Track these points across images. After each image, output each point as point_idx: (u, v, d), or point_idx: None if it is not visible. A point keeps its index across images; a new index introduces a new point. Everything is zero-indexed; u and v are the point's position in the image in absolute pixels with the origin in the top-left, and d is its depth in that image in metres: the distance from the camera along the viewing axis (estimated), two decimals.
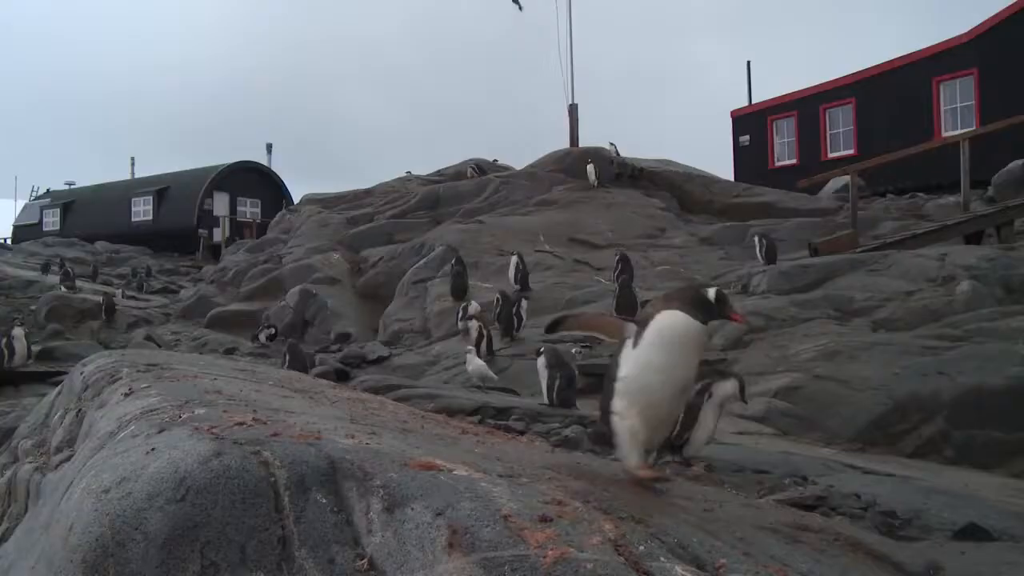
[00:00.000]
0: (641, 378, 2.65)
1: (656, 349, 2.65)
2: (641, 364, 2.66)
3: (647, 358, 2.65)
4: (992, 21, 24.14)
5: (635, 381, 2.66)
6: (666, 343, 2.65)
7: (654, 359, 2.65)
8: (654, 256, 16.95)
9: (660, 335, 2.65)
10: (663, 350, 2.65)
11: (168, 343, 17.70)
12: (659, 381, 2.65)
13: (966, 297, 9.52)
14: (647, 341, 2.65)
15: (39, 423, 5.05)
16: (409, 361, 12.31)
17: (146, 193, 46.38)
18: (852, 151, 26.68)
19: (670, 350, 2.65)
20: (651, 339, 2.65)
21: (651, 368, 2.65)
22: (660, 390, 2.66)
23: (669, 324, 2.65)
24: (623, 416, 2.67)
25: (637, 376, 2.66)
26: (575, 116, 27.75)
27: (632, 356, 2.68)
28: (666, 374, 2.66)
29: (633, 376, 2.66)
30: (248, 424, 2.48)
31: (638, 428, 2.66)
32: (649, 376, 2.65)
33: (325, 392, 4.39)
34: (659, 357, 2.65)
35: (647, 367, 2.65)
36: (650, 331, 2.66)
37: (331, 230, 23.74)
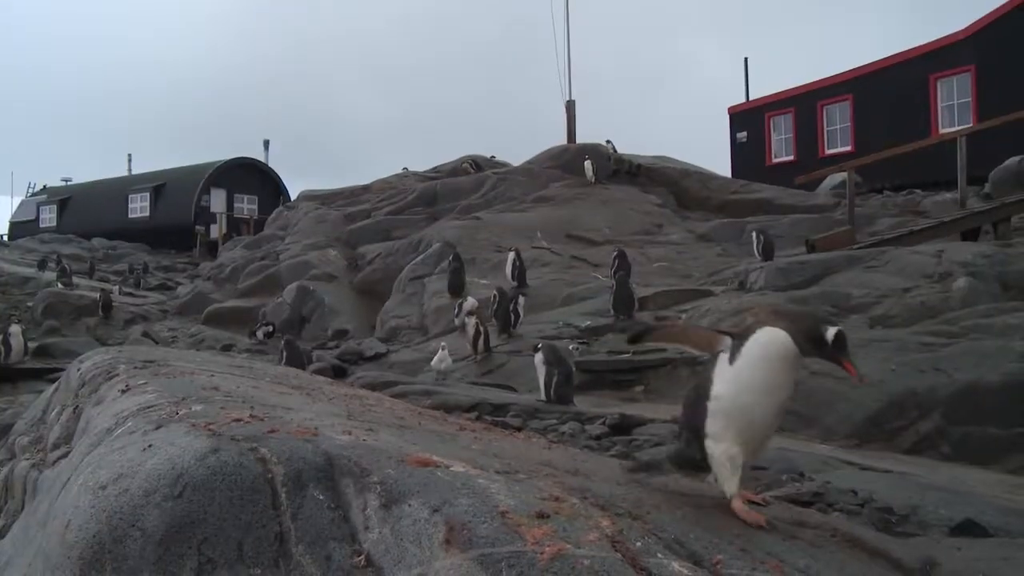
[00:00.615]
0: (740, 398, 2.42)
1: (757, 367, 2.42)
2: (741, 383, 2.43)
3: (747, 377, 2.42)
4: (989, 18, 24.15)
5: (733, 401, 2.43)
6: (768, 361, 2.42)
7: (755, 378, 2.42)
8: (651, 252, 16.95)
9: (763, 352, 2.41)
10: (765, 369, 2.42)
11: (165, 340, 17.70)
12: (759, 402, 2.43)
13: (963, 294, 9.52)
14: (747, 358, 2.42)
15: (36, 419, 5.05)
16: (406, 357, 12.31)
17: (143, 190, 46.33)
18: (849, 148, 26.68)
19: (772, 369, 2.42)
20: (752, 356, 2.42)
21: (751, 388, 2.42)
22: (760, 411, 2.45)
23: (772, 341, 2.41)
24: (718, 439, 2.45)
25: (735, 395, 2.43)
26: (572, 112, 27.74)
27: (729, 373, 2.44)
28: (767, 395, 2.44)
29: (731, 395, 2.43)
30: (245, 420, 2.48)
31: (736, 452, 2.45)
32: (749, 396, 2.42)
33: (322, 388, 4.39)
34: (760, 376, 2.42)
35: (747, 386, 2.42)
36: (751, 347, 2.43)
37: (328, 226, 23.73)
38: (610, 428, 6.13)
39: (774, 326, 2.43)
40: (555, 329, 11.39)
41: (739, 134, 31.66)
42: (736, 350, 2.44)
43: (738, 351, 2.43)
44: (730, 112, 32.60)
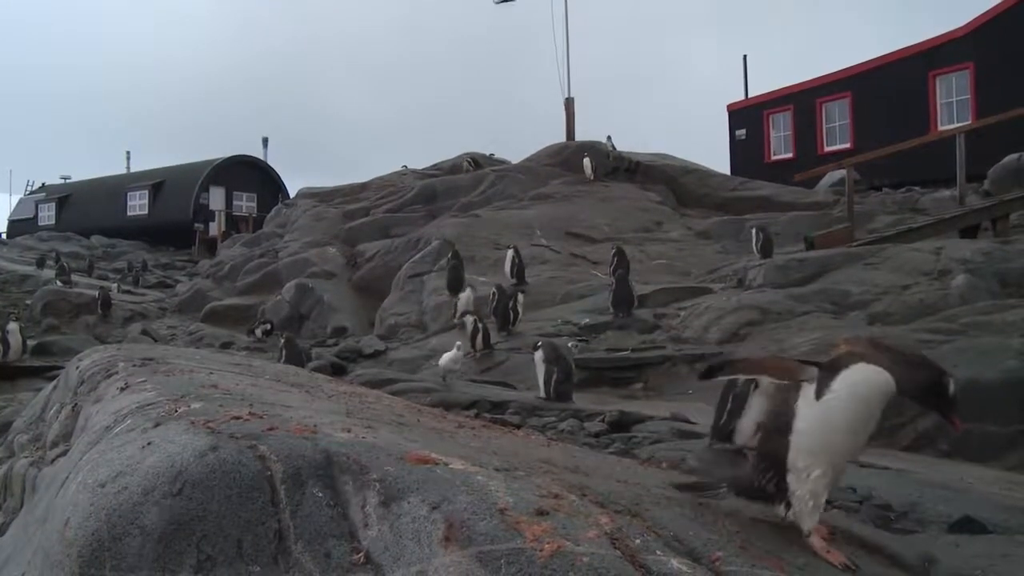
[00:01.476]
0: (828, 437, 2.27)
1: (849, 407, 2.24)
2: (829, 422, 2.26)
3: (837, 416, 2.25)
4: (988, 15, 24.13)
5: (818, 439, 2.28)
6: (862, 402, 2.24)
7: (846, 418, 2.26)
8: (651, 250, 16.96)
9: (857, 392, 2.23)
10: (857, 409, 2.25)
11: (164, 337, 17.69)
12: (847, 441, 2.30)
13: (961, 291, 9.53)
14: (838, 396, 2.24)
15: (35, 418, 5.05)
16: (405, 355, 12.31)
17: (142, 187, 46.30)
18: (848, 145, 26.67)
19: (866, 409, 2.26)
20: (844, 394, 2.23)
21: (841, 428, 2.27)
22: (847, 449, 2.32)
23: (869, 381, 2.24)
24: (803, 476, 2.29)
25: (823, 435, 2.27)
26: (571, 110, 27.73)
27: (816, 410, 2.26)
28: (856, 434, 2.30)
29: (818, 434, 2.27)
30: (244, 418, 2.48)
31: (821, 489, 2.30)
32: (837, 436, 2.28)
33: (322, 386, 4.39)
34: (851, 416, 2.26)
35: (836, 426, 2.26)
36: (843, 385, 2.24)
37: (327, 224, 23.71)
38: (609, 425, 6.13)
39: (873, 363, 2.24)
40: (554, 327, 11.40)
41: (738, 131, 31.65)
42: (824, 384, 2.26)
43: (827, 386, 2.25)
44: (729, 109, 32.59)
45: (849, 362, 2.26)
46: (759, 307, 10.11)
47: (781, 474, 2.33)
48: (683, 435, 5.72)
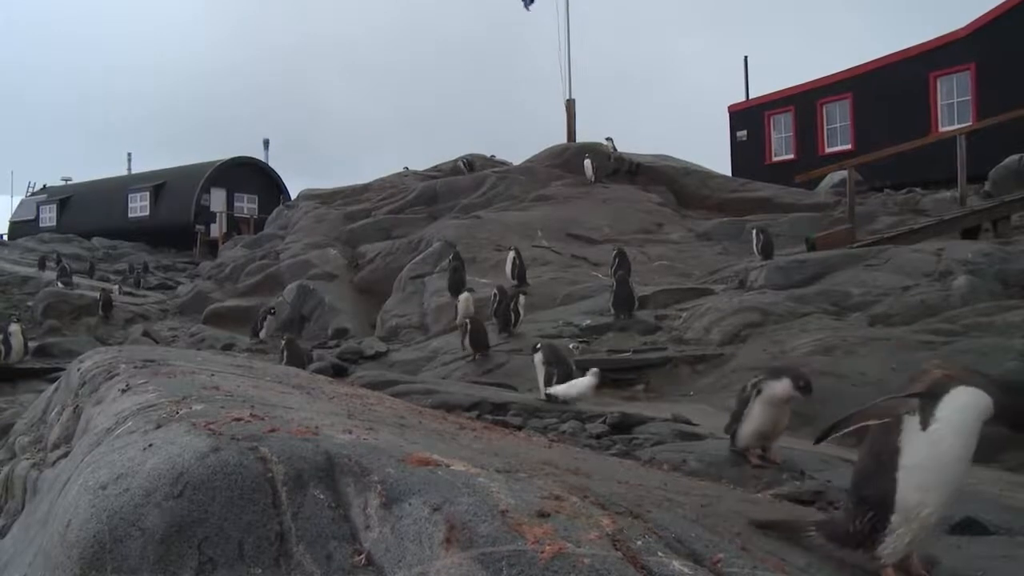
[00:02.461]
0: (939, 467, 2.20)
1: (960, 432, 2.18)
2: (942, 451, 2.18)
3: (949, 444, 2.18)
4: (989, 16, 24.13)
5: (931, 471, 2.19)
6: (970, 425, 2.19)
7: (957, 444, 2.19)
8: (651, 251, 16.95)
9: (965, 416, 2.18)
10: (966, 433, 2.20)
11: (165, 339, 17.69)
12: (958, 469, 2.22)
13: (963, 292, 9.53)
14: (947, 423, 2.17)
15: (36, 419, 5.06)
16: (407, 356, 12.31)
17: (143, 189, 46.31)
18: (849, 146, 26.67)
19: (972, 432, 2.20)
20: (953, 420, 2.17)
21: (951, 456, 2.19)
22: (957, 480, 2.23)
23: (974, 403, 2.19)
24: (911, 516, 2.19)
25: (934, 465, 2.19)
26: (572, 111, 27.74)
27: (925, 441, 2.18)
28: (965, 461, 2.22)
29: (928, 465, 2.18)
30: (246, 420, 2.48)
31: (932, 523, 2.23)
32: (949, 465, 2.20)
33: (323, 388, 4.39)
34: (962, 441, 2.19)
35: (949, 454, 2.19)
36: (950, 410, 2.18)
37: (328, 226, 23.71)
38: (610, 427, 6.12)
39: (972, 385, 2.20)
40: (555, 328, 11.39)
41: (739, 132, 31.65)
42: (928, 413, 2.19)
43: (931, 415, 2.18)
44: (730, 111, 32.59)
45: (948, 387, 2.20)
46: (760, 308, 10.10)
47: (884, 515, 2.22)
48: (684, 436, 5.71)
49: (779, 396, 4.25)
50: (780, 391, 4.23)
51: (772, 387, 4.25)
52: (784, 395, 4.23)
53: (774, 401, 4.28)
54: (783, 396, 4.25)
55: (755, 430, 4.39)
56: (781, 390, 4.22)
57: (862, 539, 2.26)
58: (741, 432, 4.46)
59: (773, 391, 4.25)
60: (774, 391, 4.25)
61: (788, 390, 4.20)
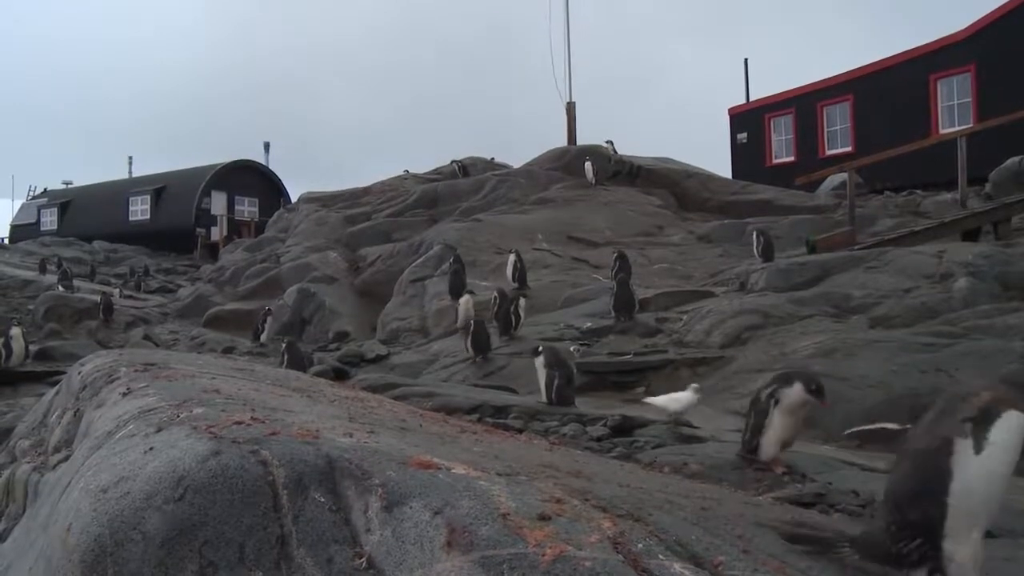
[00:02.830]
0: (990, 491, 2.18)
1: (1010, 456, 2.17)
2: (994, 475, 2.17)
3: (1000, 468, 2.17)
4: (989, 18, 24.14)
5: (982, 495, 2.17)
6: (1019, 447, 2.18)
7: (1006, 467, 2.18)
8: (652, 254, 16.95)
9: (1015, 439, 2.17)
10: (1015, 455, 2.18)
11: (166, 342, 17.69)
12: (1002, 490, 2.22)
13: (963, 294, 9.52)
14: (1000, 447, 2.15)
15: (37, 423, 5.05)
16: (407, 359, 12.31)
17: (144, 192, 46.33)
18: (850, 148, 26.67)
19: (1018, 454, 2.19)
20: (1007, 444, 2.16)
21: (1003, 478, 2.19)
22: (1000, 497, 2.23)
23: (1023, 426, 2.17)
24: (963, 539, 2.16)
25: (986, 489, 2.17)
26: (573, 114, 27.74)
27: (978, 465, 2.15)
28: (1007, 480, 2.22)
29: (981, 490, 2.16)
30: (246, 423, 2.48)
31: (981, 547, 2.21)
32: (998, 487, 2.19)
33: (323, 391, 4.39)
34: (1010, 464, 2.18)
35: (999, 477, 2.18)
36: (1004, 434, 2.15)
37: (329, 229, 23.72)
38: (611, 429, 6.12)
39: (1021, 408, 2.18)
40: (556, 331, 11.38)
41: (739, 135, 31.66)
42: (981, 438, 2.15)
43: (984, 438, 2.15)
44: (730, 113, 32.61)
45: (999, 410, 2.17)
46: (761, 311, 10.09)
47: (934, 540, 2.18)
48: (685, 439, 5.71)
49: (796, 403, 4.24)
50: (797, 397, 4.22)
51: (788, 395, 4.24)
52: (801, 401, 4.23)
53: (792, 408, 4.28)
54: (800, 402, 4.24)
55: (777, 439, 4.38)
56: (797, 396, 4.22)
57: (909, 562, 2.22)
58: (764, 443, 4.43)
59: (791, 399, 4.24)
60: (791, 399, 4.24)
61: (803, 395, 4.20)
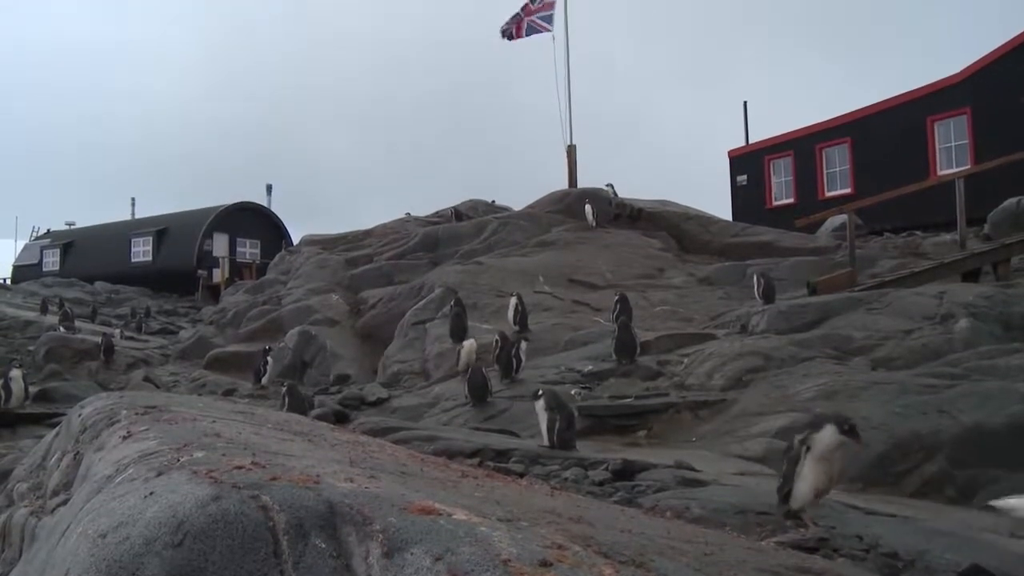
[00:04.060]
0: None
1: None
2: None
3: None
4: (983, 62, 24.44)
5: None
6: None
7: None
8: (653, 296, 16.95)
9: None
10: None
11: (166, 384, 17.64)
12: None
13: (965, 335, 9.51)
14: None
15: (35, 466, 5.03)
16: (408, 403, 12.26)
17: (146, 234, 46.56)
18: (849, 190, 26.85)
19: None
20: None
21: None
22: None
23: None
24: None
25: None
26: (573, 157, 27.92)
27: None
28: None
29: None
30: (247, 468, 2.48)
31: None
32: None
33: (324, 435, 4.38)
34: None
35: None
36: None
37: (330, 271, 23.77)
38: (613, 473, 6.09)
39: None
40: (557, 374, 11.36)
41: (739, 177, 31.88)
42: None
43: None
44: (730, 155, 32.86)
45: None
46: (762, 353, 10.08)
47: None
48: (688, 483, 5.68)
49: (830, 446, 4.09)
50: (829, 441, 4.07)
51: (820, 440, 4.10)
52: (834, 444, 4.08)
53: (826, 454, 4.12)
54: (833, 446, 4.09)
55: (811, 487, 4.20)
56: (830, 439, 4.07)
57: None
58: (797, 492, 4.26)
59: (823, 443, 4.09)
60: (824, 443, 4.09)
61: (836, 437, 4.05)
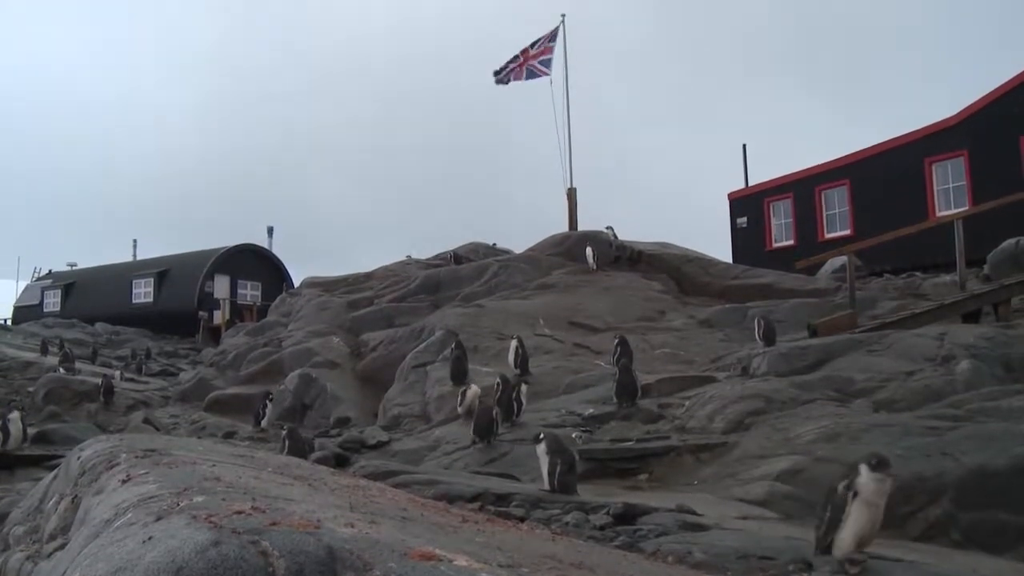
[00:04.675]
0: None
1: None
2: None
3: None
4: (979, 104, 24.69)
5: None
6: None
7: None
8: (654, 339, 16.94)
9: None
10: None
11: (166, 426, 17.58)
12: None
13: (966, 376, 9.49)
14: None
15: (33, 509, 5.01)
16: (409, 446, 12.21)
17: (147, 275, 46.70)
18: (848, 231, 26.97)
19: None
20: None
21: None
22: None
23: None
24: None
25: None
26: (574, 200, 28.09)
27: None
28: None
29: None
30: (247, 512, 2.47)
31: None
32: None
33: (325, 479, 4.36)
34: None
35: None
36: None
37: (331, 313, 23.80)
38: (614, 518, 6.05)
39: None
40: (558, 417, 11.32)
41: (739, 219, 32.04)
42: None
43: None
44: (730, 198, 33.04)
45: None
46: (764, 396, 10.05)
47: None
48: (689, 527, 5.63)
49: (876, 490, 4.05)
50: (875, 484, 4.04)
51: (864, 484, 4.05)
52: (879, 487, 4.03)
53: (873, 497, 4.07)
54: (880, 489, 4.04)
55: (856, 534, 4.14)
56: (874, 482, 4.03)
57: None
58: (841, 539, 4.18)
59: (868, 487, 4.05)
60: (869, 487, 4.05)
61: (876, 477, 4.02)
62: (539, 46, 29.19)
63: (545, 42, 29.21)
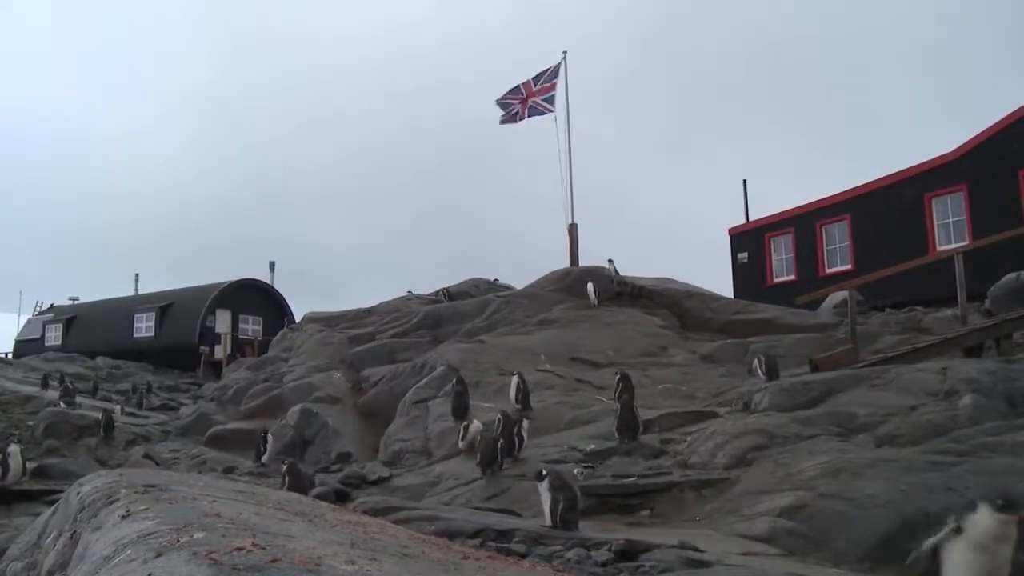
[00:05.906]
0: None
1: None
2: None
3: None
4: (978, 139, 24.83)
5: None
6: None
7: None
8: (655, 374, 16.91)
9: None
10: None
11: (166, 461, 17.51)
12: None
13: (969, 411, 9.45)
14: None
15: (31, 544, 4.99)
16: (410, 482, 12.15)
17: (149, 309, 46.72)
18: (849, 266, 27.00)
19: None
20: None
21: None
22: None
23: None
24: None
25: None
26: (575, 235, 28.15)
27: None
28: None
29: None
30: (247, 549, 2.46)
31: None
32: None
33: (325, 515, 4.34)
34: None
35: None
36: None
37: (333, 349, 23.79)
38: (616, 554, 6.01)
39: None
40: (560, 453, 11.28)
41: (740, 255, 32.08)
42: None
43: None
44: (731, 233, 33.12)
45: None
46: (766, 431, 10.02)
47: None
48: (692, 564, 5.60)
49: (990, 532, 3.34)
50: (989, 523, 3.34)
51: (977, 522, 3.38)
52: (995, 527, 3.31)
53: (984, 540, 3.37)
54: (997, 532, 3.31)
55: None
56: (992, 521, 3.33)
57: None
58: None
59: (979, 527, 3.37)
60: (981, 526, 3.37)
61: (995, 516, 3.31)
62: (541, 82, 29.42)
63: (548, 79, 29.44)
